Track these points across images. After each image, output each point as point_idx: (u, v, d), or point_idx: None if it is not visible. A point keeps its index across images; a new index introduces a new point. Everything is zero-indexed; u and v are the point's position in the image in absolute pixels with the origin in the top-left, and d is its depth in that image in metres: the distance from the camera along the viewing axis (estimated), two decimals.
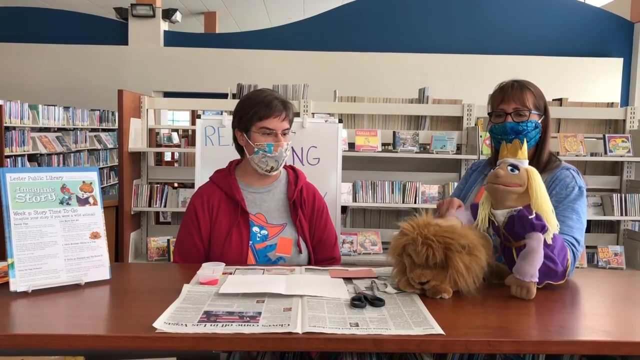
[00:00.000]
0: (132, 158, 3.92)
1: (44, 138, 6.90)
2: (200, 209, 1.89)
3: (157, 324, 1.12)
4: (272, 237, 1.89)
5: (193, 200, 1.93)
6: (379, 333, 1.11)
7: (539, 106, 1.79)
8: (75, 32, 9.33)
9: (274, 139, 1.85)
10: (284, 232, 1.90)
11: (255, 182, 1.95)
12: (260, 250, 1.86)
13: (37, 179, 1.45)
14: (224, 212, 1.88)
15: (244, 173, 1.96)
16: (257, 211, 1.91)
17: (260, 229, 1.88)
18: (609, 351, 1.13)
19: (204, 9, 11.90)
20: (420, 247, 1.34)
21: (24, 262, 1.37)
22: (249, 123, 1.85)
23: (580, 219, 1.66)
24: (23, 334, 1.12)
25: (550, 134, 1.82)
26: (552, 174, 1.76)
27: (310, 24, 9.29)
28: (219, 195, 1.90)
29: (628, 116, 4.05)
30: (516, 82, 1.81)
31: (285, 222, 1.92)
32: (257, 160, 1.87)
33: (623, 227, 4.08)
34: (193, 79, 9.14)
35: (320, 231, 1.98)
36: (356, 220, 4.12)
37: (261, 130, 1.84)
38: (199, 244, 1.87)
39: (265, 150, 1.84)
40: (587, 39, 8.94)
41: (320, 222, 1.98)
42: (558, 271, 1.42)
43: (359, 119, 4.10)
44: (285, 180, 2.00)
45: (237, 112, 1.90)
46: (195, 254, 1.87)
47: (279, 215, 1.93)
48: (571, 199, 1.68)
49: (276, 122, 1.85)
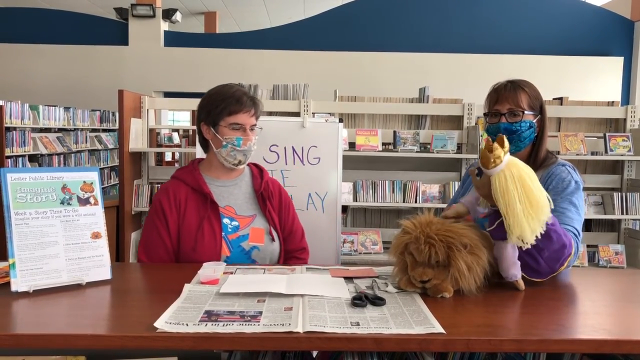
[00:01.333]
0: (133, 158, 3.92)
1: (44, 138, 6.90)
2: (167, 206, 1.87)
3: (158, 324, 1.12)
4: (243, 227, 1.91)
5: (159, 197, 1.90)
6: (380, 332, 1.11)
7: (534, 106, 1.81)
8: (76, 32, 9.33)
9: (243, 133, 1.88)
10: (255, 223, 1.94)
11: (221, 175, 1.97)
12: (233, 240, 1.87)
13: (38, 179, 1.45)
14: (192, 207, 1.88)
15: (209, 168, 1.98)
16: (225, 204, 1.93)
17: (231, 221, 1.90)
18: (610, 350, 1.13)
19: (204, 9, 11.91)
20: (422, 246, 1.34)
21: (25, 262, 1.37)
22: (218, 117, 1.88)
23: (579, 211, 1.68)
24: (24, 333, 1.12)
25: (546, 133, 1.84)
26: (548, 170, 1.78)
27: (310, 24, 9.29)
28: (185, 190, 1.90)
29: (629, 115, 4.05)
30: (510, 83, 1.83)
31: (254, 214, 1.96)
32: (225, 154, 1.90)
33: (624, 226, 4.07)
34: (193, 79, 9.14)
35: (290, 224, 2.04)
36: (357, 219, 4.12)
37: (230, 125, 1.87)
38: (166, 241, 1.86)
39: (234, 144, 1.87)
40: (587, 37, 8.93)
41: (288, 216, 2.05)
42: (540, 271, 1.44)
43: (359, 118, 4.10)
44: (250, 174, 2.04)
45: (204, 106, 1.92)
46: (162, 251, 1.85)
47: (248, 207, 1.96)
48: (568, 192, 1.70)
49: (246, 117, 1.88)
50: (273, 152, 2.74)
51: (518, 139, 1.78)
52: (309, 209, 2.76)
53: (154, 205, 1.90)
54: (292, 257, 2.03)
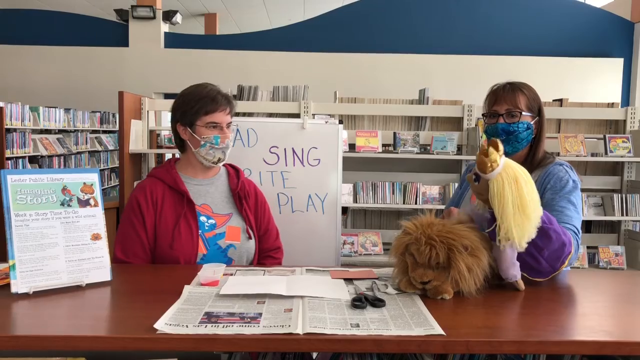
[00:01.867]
0: (133, 159, 3.93)
1: (44, 140, 6.91)
2: (144, 203, 1.88)
3: (158, 325, 1.13)
4: (220, 225, 1.93)
5: (135, 195, 1.90)
6: (380, 334, 1.11)
7: (532, 108, 1.82)
8: (76, 34, 9.34)
9: (220, 131, 1.91)
10: (231, 221, 1.96)
11: (198, 174, 1.99)
12: (210, 238, 1.89)
13: (38, 181, 1.45)
14: (168, 205, 1.89)
15: (186, 167, 1.99)
16: (202, 202, 1.94)
17: (208, 219, 1.92)
18: (610, 351, 1.13)
19: (205, 11, 11.91)
20: (423, 247, 1.34)
21: (25, 264, 1.37)
22: (194, 117, 1.89)
23: (577, 209, 1.69)
24: (24, 335, 1.12)
25: (544, 134, 1.86)
26: (545, 169, 1.80)
27: (310, 25, 9.30)
28: (162, 188, 1.91)
29: (628, 116, 4.06)
30: (509, 84, 1.84)
31: (231, 212, 1.98)
32: (204, 153, 1.91)
33: (624, 228, 4.07)
34: (194, 81, 8.88)
35: (265, 223, 2.08)
36: (357, 221, 4.12)
37: (207, 124, 1.89)
38: (143, 238, 1.86)
39: (213, 142, 1.90)
40: (587, 39, 8.93)
41: (264, 216, 2.08)
42: (541, 270, 1.45)
43: (359, 120, 4.10)
44: (226, 174, 2.07)
45: (179, 107, 1.94)
46: (139, 248, 1.85)
47: (224, 205, 1.98)
48: (567, 191, 1.71)
49: (222, 115, 1.91)
50: (273, 153, 2.74)
51: (515, 140, 1.79)
52: (309, 210, 2.76)
53: (131, 203, 1.90)
54: (267, 256, 2.06)
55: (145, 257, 1.86)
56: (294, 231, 2.65)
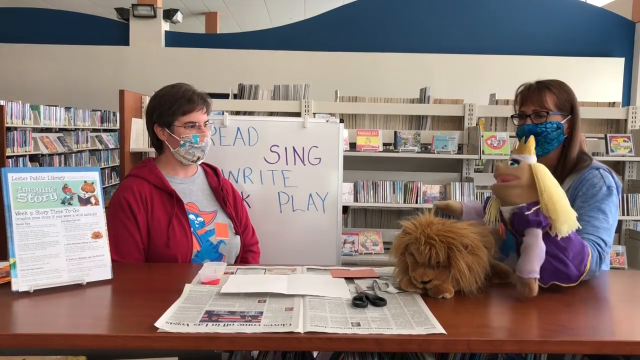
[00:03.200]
0: (134, 158, 3.92)
1: (45, 138, 6.91)
2: (134, 203, 1.86)
3: (159, 324, 1.12)
4: (208, 223, 1.97)
5: (123, 195, 1.88)
6: (381, 333, 1.11)
7: (563, 106, 1.76)
8: (77, 32, 9.34)
9: (198, 130, 1.93)
10: (217, 218, 2.01)
11: (179, 173, 2.01)
12: (202, 235, 1.93)
13: (38, 179, 1.45)
14: (158, 205, 1.89)
15: (166, 166, 2.00)
16: (188, 200, 1.97)
17: (196, 217, 1.95)
18: (611, 350, 1.13)
19: (205, 10, 11.91)
20: (423, 247, 1.34)
21: (26, 262, 1.37)
22: (172, 118, 1.91)
23: (607, 218, 1.62)
24: (25, 333, 1.12)
25: (578, 133, 1.77)
26: (580, 174, 1.72)
27: (311, 24, 9.29)
28: (148, 188, 1.91)
29: (630, 116, 4.05)
30: (536, 84, 1.79)
31: (215, 209, 2.03)
32: (184, 152, 1.93)
33: (625, 227, 4.07)
34: (194, 79, 8.98)
35: (244, 220, 2.14)
36: (357, 220, 4.12)
37: (185, 124, 1.91)
38: (137, 238, 1.85)
39: (192, 142, 1.92)
40: (588, 38, 8.93)
41: (242, 212, 2.15)
42: (570, 274, 1.40)
43: (360, 119, 4.10)
44: (203, 173, 2.10)
45: (155, 108, 1.94)
46: (134, 248, 1.84)
47: (208, 203, 2.03)
48: (598, 199, 1.64)
49: (199, 115, 1.93)
50: (274, 152, 2.74)
51: (544, 141, 1.74)
52: (309, 209, 2.75)
53: (119, 203, 1.87)
54: (248, 251, 2.12)
55: (140, 256, 1.86)
56: (295, 230, 2.65)
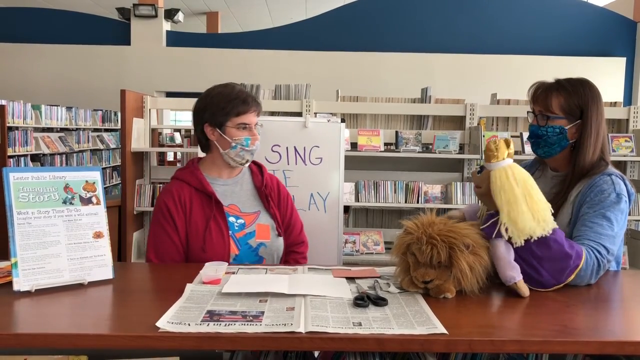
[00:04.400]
0: (135, 158, 3.93)
1: (46, 138, 6.91)
2: (174, 207, 1.87)
3: (160, 324, 1.12)
4: (249, 224, 1.93)
5: (163, 199, 1.89)
6: (382, 332, 1.11)
7: (570, 111, 1.69)
8: (78, 32, 9.34)
9: (250, 133, 1.90)
10: (260, 219, 1.96)
11: (223, 174, 1.98)
12: (240, 238, 1.89)
13: (40, 179, 1.45)
14: (197, 207, 1.89)
15: (210, 167, 1.98)
16: (229, 202, 1.94)
17: (237, 219, 1.92)
18: (613, 351, 1.13)
19: (206, 9, 11.91)
20: (424, 246, 1.34)
21: (27, 262, 1.37)
22: (225, 118, 1.88)
23: (612, 226, 1.56)
24: (26, 333, 1.12)
25: (590, 139, 1.69)
26: (592, 180, 1.66)
27: (312, 24, 9.29)
28: (188, 191, 1.90)
29: (631, 116, 4.05)
30: (548, 83, 1.74)
31: (258, 210, 1.98)
32: (234, 155, 1.90)
33: (627, 227, 4.06)
34: (195, 79, 9.14)
35: (288, 217, 2.06)
36: (359, 220, 4.12)
37: (238, 126, 1.88)
38: (177, 241, 1.86)
39: (243, 144, 1.89)
40: (590, 38, 8.91)
41: (287, 209, 2.07)
42: (542, 281, 1.40)
43: (361, 118, 4.09)
44: (249, 172, 2.05)
45: (207, 107, 1.90)
46: (173, 251, 1.85)
47: (251, 204, 1.98)
48: (605, 205, 1.59)
49: (251, 116, 1.91)
50: (275, 152, 2.74)
51: (545, 144, 1.72)
52: (310, 209, 2.76)
53: (159, 207, 1.89)
54: (291, 252, 2.05)
55: (180, 259, 1.86)
56: None
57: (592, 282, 1.50)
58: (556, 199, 1.67)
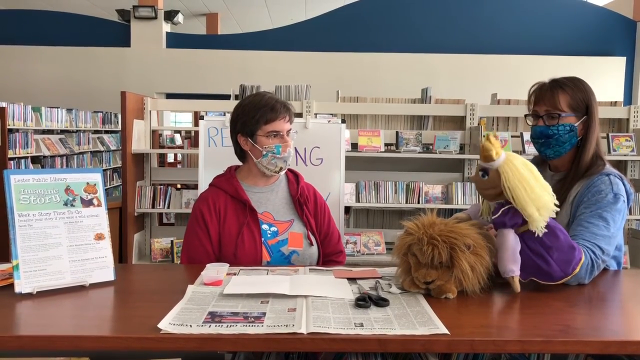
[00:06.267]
0: (135, 159, 3.93)
1: (47, 140, 6.91)
2: (208, 213, 1.90)
3: (162, 325, 1.13)
4: (282, 232, 1.93)
5: (199, 206, 1.93)
6: (384, 333, 1.11)
7: (577, 107, 1.70)
8: (78, 34, 9.35)
9: (281, 140, 1.90)
10: (293, 228, 1.95)
11: (259, 182, 1.99)
12: (272, 245, 1.89)
13: (41, 181, 1.45)
14: (231, 214, 1.90)
15: (247, 176, 1.99)
16: (263, 210, 1.94)
17: (270, 226, 1.92)
18: (615, 350, 1.13)
19: (206, 11, 11.92)
20: (425, 247, 1.34)
21: (29, 264, 1.37)
22: (255, 127, 1.88)
23: (608, 226, 1.56)
24: (28, 335, 1.12)
25: (594, 136, 1.71)
26: (590, 180, 1.67)
27: (312, 25, 9.29)
28: (224, 198, 1.93)
29: (632, 115, 4.05)
30: (550, 82, 1.74)
31: (292, 218, 1.97)
32: (266, 163, 1.91)
33: (627, 226, 4.06)
34: (195, 80, 9.15)
35: (326, 227, 2.05)
36: (359, 220, 4.12)
37: (269, 134, 1.88)
38: (209, 248, 1.88)
39: (274, 152, 1.88)
40: (589, 38, 8.92)
41: (324, 219, 2.06)
42: (552, 273, 1.39)
43: (361, 119, 4.10)
44: (286, 180, 2.05)
45: (239, 117, 1.92)
46: (206, 259, 1.87)
47: (285, 212, 1.98)
48: (601, 206, 1.59)
49: (282, 123, 1.89)
50: None
51: (556, 144, 1.70)
52: None
53: (195, 214, 1.93)
54: (329, 261, 2.03)
55: None
56: None
57: (585, 282, 1.49)
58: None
